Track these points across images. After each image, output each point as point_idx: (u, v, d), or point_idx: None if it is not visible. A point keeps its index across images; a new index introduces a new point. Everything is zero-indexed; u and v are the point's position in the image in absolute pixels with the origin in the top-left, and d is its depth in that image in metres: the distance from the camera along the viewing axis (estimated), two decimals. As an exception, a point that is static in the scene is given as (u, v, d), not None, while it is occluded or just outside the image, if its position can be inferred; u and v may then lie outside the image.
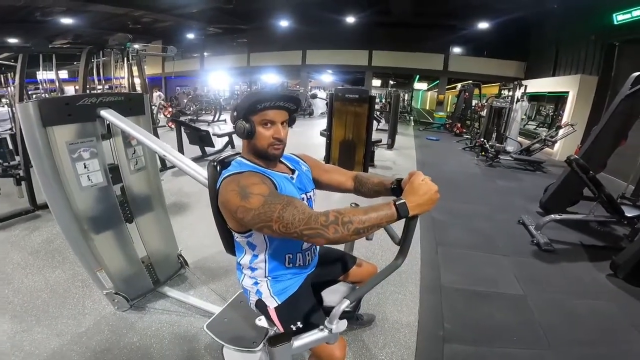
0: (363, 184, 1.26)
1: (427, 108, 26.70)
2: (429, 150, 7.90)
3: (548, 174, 5.94)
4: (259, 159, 1.12)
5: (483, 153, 6.67)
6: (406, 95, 17.89)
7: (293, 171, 1.20)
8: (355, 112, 4.96)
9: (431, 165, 6.24)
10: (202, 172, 1.39)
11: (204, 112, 12.39)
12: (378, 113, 11.26)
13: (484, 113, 8.83)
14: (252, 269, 1.19)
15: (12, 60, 4.05)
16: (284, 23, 12.01)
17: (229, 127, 8.71)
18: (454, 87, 16.53)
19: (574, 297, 2.34)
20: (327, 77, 18.09)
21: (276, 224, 0.89)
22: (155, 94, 14.46)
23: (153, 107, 9.28)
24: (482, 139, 7.05)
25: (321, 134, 5.67)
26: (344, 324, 0.93)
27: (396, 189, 1.16)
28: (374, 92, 17.87)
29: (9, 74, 5.17)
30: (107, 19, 9.29)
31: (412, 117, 14.91)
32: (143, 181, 2.08)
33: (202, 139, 6.01)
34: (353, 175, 1.30)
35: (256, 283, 1.19)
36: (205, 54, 16.31)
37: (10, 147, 4.87)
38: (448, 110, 15.44)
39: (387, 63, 13.92)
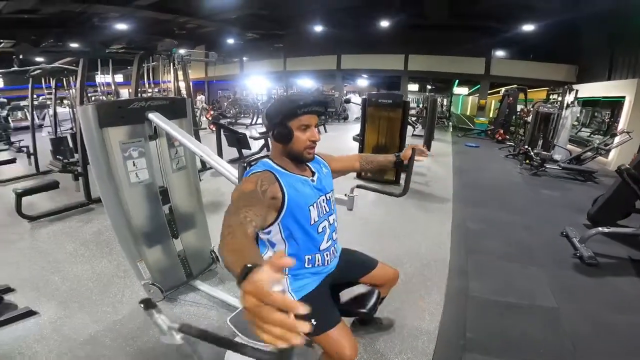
0: (369, 162, 1.57)
1: (468, 113, 25.67)
2: (468, 157, 7.59)
3: (600, 185, 5.48)
4: (290, 161, 1.18)
5: (527, 161, 6.30)
6: (445, 100, 17.36)
7: (314, 174, 1.26)
8: (388, 117, 4.91)
9: (468, 173, 6.00)
10: (234, 173, 1.47)
11: (242, 115, 12.87)
12: (414, 119, 11.01)
13: (529, 119, 8.34)
14: None
15: (74, 65, 4.45)
16: (318, 28, 12.17)
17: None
18: (497, 92, 15.78)
19: (614, 311, 2.18)
20: (363, 82, 18.04)
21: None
22: (198, 97, 15.31)
23: (196, 110, 9.82)
24: (527, 147, 6.66)
25: (354, 139, 5.67)
26: (176, 339, 0.83)
27: (398, 161, 1.54)
28: (410, 97, 17.41)
29: (70, 78, 5.74)
30: (156, 24, 10.02)
31: (450, 123, 14.43)
32: (183, 179, 2.22)
33: (240, 141, 6.25)
34: (358, 157, 1.57)
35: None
36: (244, 58, 16.92)
37: (71, 145, 5.40)
38: (490, 116, 14.73)
39: (424, 67, 13.60)
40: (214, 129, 8.07)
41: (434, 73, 14.03)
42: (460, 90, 21.11)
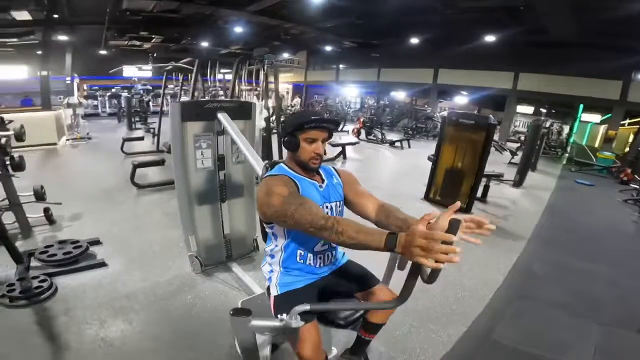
0: (388, 215, 1.21)
1: (597, 145, 21.49)
2: (572, 196, 6.47)
3: None
4: (299, 168, 1.30)
5: (651, 210, 5.08)
6: (564, 127, 14.87)
7: (323, 181, 1.34)
8: (469, 139, 4.56)
9: (564, 213, 5.14)
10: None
11: None
12: (517, 145, 9.87)
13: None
14: (272, 257, 1.37)
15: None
16: (415, 40, 11.79)
17: (349, 138, 9.24)
18: (640, 122, 12.83)
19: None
20: (462, 99, 16.78)
21: (290, 220, 1.08)
22: (295, 99, 16.52)
23: (290, 111, 10.66)
24: (655, 193, 5.36)
25: (429, 159, 5.42)
26: (298, 322, 1.02)
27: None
28: (520, 120, 15.45)
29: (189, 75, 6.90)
30: (267, 29, 11.28)
31: (565, 154, 12.35)
32: (240, 171, 2.54)
33: None
34: (380, 204, 1.28)
35: (271, 271, 1.37)
36: (341, 66, 17.48)
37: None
38: (624, 149, 12.07)
39: (537, 87, 11.92)
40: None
41: (550, 95, 12.19)
42: (590, 117, 17.81)
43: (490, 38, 10.21)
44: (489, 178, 5.16)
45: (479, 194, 4.93)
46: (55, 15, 7.99)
